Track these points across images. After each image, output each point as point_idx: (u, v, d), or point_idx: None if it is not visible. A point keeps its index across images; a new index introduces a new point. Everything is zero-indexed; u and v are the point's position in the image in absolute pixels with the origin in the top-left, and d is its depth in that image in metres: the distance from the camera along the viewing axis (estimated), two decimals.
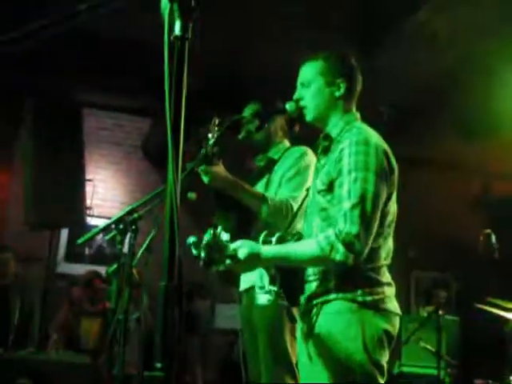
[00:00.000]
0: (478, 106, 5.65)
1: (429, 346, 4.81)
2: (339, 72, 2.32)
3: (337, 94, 2.31)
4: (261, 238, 2.22)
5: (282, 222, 2.90)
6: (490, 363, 5.02)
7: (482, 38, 4.85)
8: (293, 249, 2.12)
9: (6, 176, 6.88)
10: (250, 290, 3.05)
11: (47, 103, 4.86)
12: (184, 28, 1.09)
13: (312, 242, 2.08)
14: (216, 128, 2.73)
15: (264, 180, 3.16)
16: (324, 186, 2.18)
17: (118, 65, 6.11)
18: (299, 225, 2.88)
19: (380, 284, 2.15)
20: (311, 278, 2.22)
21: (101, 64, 6.09)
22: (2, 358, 4.19)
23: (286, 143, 3.27)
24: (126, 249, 2.58)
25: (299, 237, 2.30)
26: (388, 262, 2.22)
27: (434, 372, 4.72)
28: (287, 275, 2.21)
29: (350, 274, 2.10)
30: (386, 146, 2.19)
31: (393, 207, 2.23)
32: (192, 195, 2.79)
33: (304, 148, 3.14)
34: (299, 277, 2.27)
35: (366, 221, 2.02)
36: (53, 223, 4.55)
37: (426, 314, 5.10)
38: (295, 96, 2.39)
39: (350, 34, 4.95)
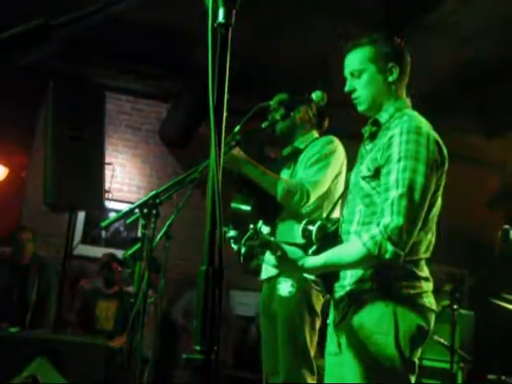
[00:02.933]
0: (500, 100, 5.60)
1: (442, 340, 4.80)
2: (389, 55, 2.21)
3: (390, 79, 2.21)
4: (301, 227, 2.20)
5: (296, 206, 2.90)
6: (504, 359, 5.02)
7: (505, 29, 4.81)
8: (338, 255, 2.07)
9: (25, 157, 6.93)
10: (272, 279, 3.05)
11: (68, 86, 4.86)
12: (227, 15, 1.09)
13: (356, 243, 2.02)
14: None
15: (289, 170, 3.17)
16: (370, 172, 2.11)
17: (137, 49, 6.12)
18: (322, 210, 2.90)
19: (418, 278, 2.09)
20: None
21: (121, 48, 6.10)
22: (19, 338, 4.23)
23: (314, 134, 3.27)
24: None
25: (339, 225, 2.26)
26: (427, 255, 2.15)
27: (447, 366, 4.72)
28: None
29: (388, 266, 2.04)
30: (437, 136, 2.11)
31: (439, 200, 2.16)
32: None
33: (330, 136, 3.14)
34: None
35: (413, 212, 1.96)
36: (72, 205, 4.56)
37: (440, 308, 5.08)
38: (346, 88, 2.26)
39: (373, 23, 4.91)
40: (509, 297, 4.47)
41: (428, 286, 2.12)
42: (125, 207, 2.73)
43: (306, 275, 2.20)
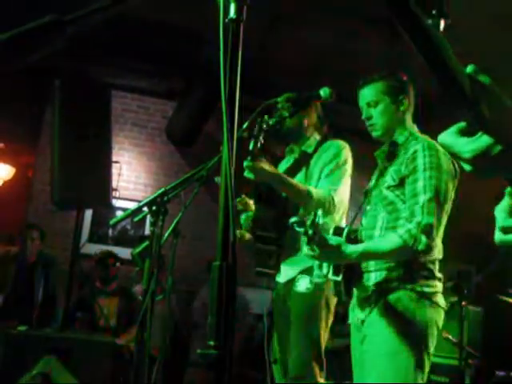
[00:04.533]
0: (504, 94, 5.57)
1: (451, 337, 4.79)
2: (399, 89, 2.56)
3: (401, 108, 2.56)
4: (331, 231, 2.39)
5: (326, 214, 2.98)
6: None
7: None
8: (377, 245, 2.32)
9: (31, 156, 6.95)
10: (289, 283, 3.09)
11: (74, 84, 4.87)
12: (239, 11, 1.09)
13: (393, 236, 2.27)
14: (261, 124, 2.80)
15: (302, 174, 3.19)
16: (394, 182, 2.40)
17: (143, 47, 6.12)
18: (337, 216, 2.97)
19: (435, 277, 2.36)
20: (371, 269, 2.40)
21: (127, 46, 6.10)
22: (27, 336, 4.24)
23: (317, 137, 3.29)
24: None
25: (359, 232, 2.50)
26: (441, 256, 2.41)
27: (456, 363, 4.71)
28: (350, 266, 2.38)
29: (413, 265, 2.31)
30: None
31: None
32: (219, 179, 2.80)
33: (341, 142, 3.18)
34: (357, 268, 2.43)
35: (439, 214, 2.27)
36: (79, 203, 4.58)
37: (448, 305, 5.07)
38: (363, 116, 2.58)
39: (379, 20, 4.90)
40: None
41: (441, 287, 2.39)
42: (132, 205, 2.74)
43: (331, 277, 2.39)
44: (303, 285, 2.99)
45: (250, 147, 2.80)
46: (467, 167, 0.96)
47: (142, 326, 2.52)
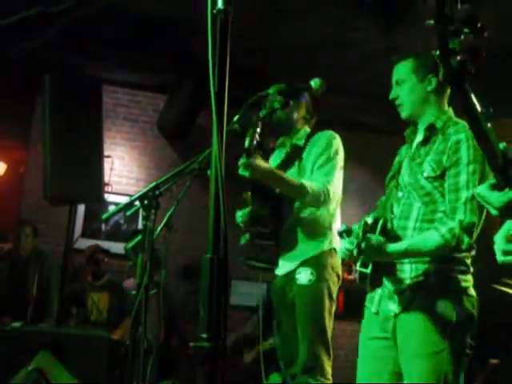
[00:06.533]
0: (497, 87, 5.58)
1: None
2: (430, 68, 2.41)
3: (429, 88, 2.41)
4: (363, 223, 2.33)
5: (320, 206, 3.04)
6: (505, 343, 5.03)
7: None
8: (419, 243, 2.27)
9: (23, 152, 6.92)
10: (288, 274, 3.11)
11: (65, 79, 4.84)
12: (226, 1, 1.08)
13: (434, 234, 2.23)
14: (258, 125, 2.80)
15: (294, 167, 3.21)
16: (434, 173, 2.30)
17: (134, 41, 6.09)
18: (332, 208, 2.98)
19: (469, 272, 2.31)
20: (406, 260, 2.33)
21: (117, 40, 6.06)
22: (23, 332, 4.23)
23: (307, 129, 3.30)
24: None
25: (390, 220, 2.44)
26: (474, 252, 2.36)
27: None
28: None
29: (451, 261, 2.27)
30: None
31: None
32: None
33: (331, 132, 3.18)
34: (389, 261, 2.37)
35: (481, 211, 2.20)
36: (72, 198, 4.56)
37: None
38: (391, 95, 2.49)
39: (370, 9, 4.88)
40: (509, 281, 4.48)
41: (472, 280, 2.34)
42: (124, 200, 2.73)
43: (360, 269, 2.32)
44: (305, 277, 3.00)
45: (246, 144, 2.80)
46: (494, 212, 1.35)
47: (137, 321, 2.52)
